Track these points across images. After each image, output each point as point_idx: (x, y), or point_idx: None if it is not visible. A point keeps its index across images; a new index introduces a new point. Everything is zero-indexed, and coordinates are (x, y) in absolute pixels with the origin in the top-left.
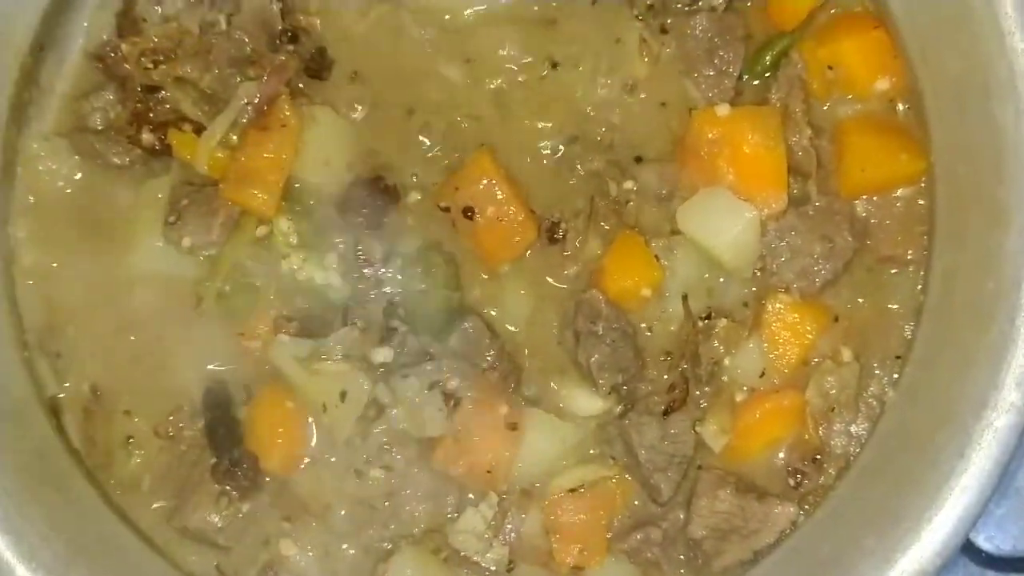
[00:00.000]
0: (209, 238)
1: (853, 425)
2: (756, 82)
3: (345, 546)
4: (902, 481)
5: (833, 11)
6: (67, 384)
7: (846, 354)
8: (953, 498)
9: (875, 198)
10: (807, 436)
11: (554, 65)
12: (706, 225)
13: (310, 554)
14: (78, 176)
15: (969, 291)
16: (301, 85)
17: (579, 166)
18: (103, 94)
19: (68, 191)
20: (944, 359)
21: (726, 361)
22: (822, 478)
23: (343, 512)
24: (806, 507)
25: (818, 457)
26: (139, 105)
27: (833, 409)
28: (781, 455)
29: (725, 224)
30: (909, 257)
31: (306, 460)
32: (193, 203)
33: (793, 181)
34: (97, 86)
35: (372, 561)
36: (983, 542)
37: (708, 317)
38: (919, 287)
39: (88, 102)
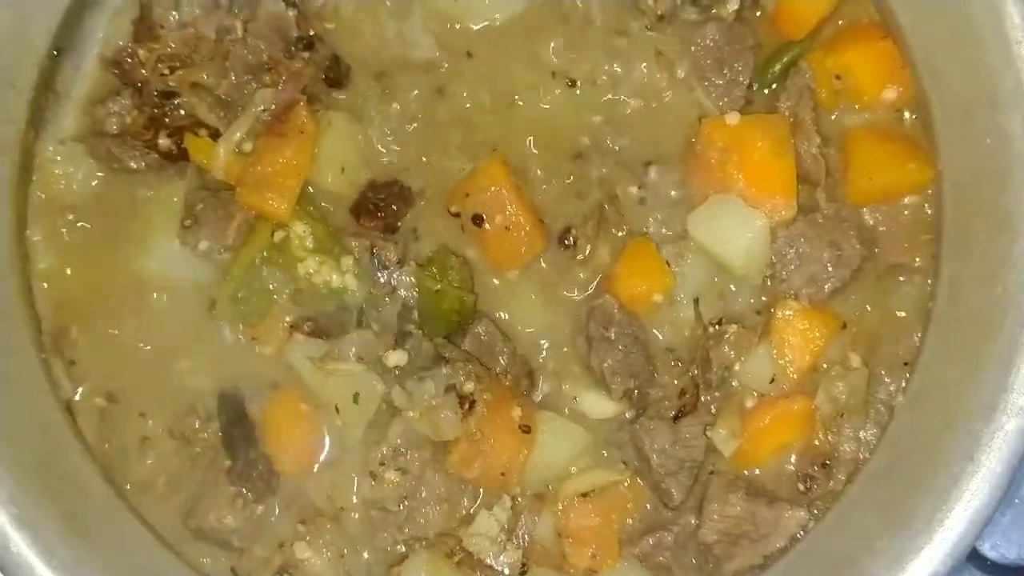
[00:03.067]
0: (225, 242)
1: (862, 430)
2: (766, 91)
3: (359, 548)
4: (912, 485)
5: (841, 22)
6: (81, 389)
7: (855, 360)
8: (964, 501)
9: (882, 206)
10: (817, 441)
11: (572, 83)
12: (717, 232)
13: (325, 557)
14: (93, 181)
15: (977, 297)
16: (317, 92)
17: (588, 175)
18: (119, 99)
19: (83, 196)
20: (953, 364)
21: (736, 367)
22: (831, 483)
23: (357, 515)
24: (815, 511)
25: (827, 462)
26: (155, 110)
27: (842, 415)
28: (791, 460)
29: (736, 231)
30: (917, 264)
31: (320, 462)
32: (209, 207)
33: (802, 189)
34: (113, 91)
35: (386, 564)
36: (988, 550)
37: (719, 323)
38: (927, 294)
39: (104, 107)
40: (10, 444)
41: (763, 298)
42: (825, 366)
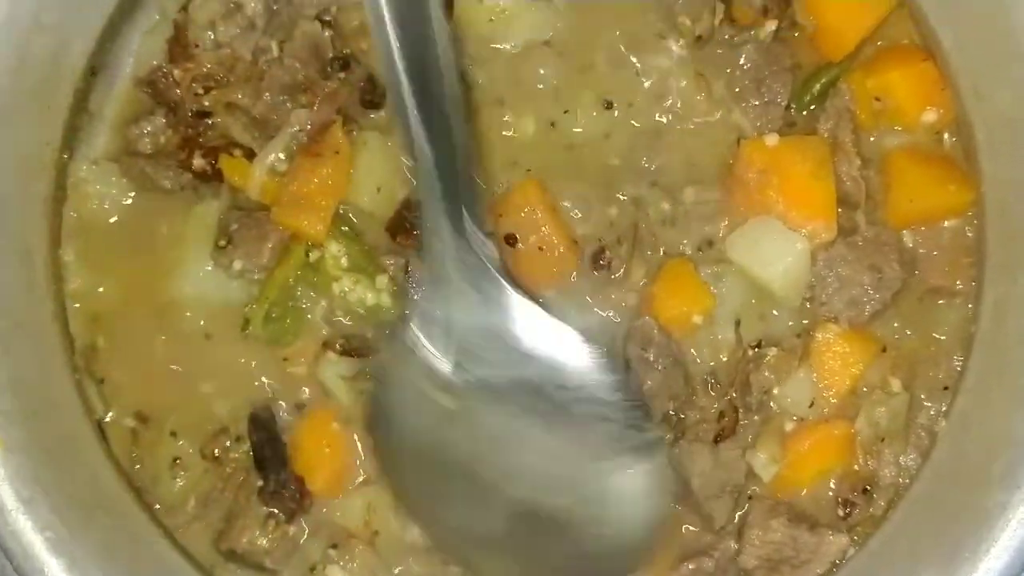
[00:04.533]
0: (260, 262)
1: (903, 456)
2: (804, 113)
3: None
4: (957, 512)
5: (880, 43)
6: (112, 412)
7: (896, 384)
8: (1010, 529)
9: (923, 228)
10: (856, 467)
11: (608, 105)
12: (757, 255)
13: None
14: (127, 201)
15: (1022, 322)
16: (353, 112)
17: (622, 196)
18: (153, 119)
19: (116, 215)
20: (998, 389)
21: (776, 390)
22: (872, 508)
23: (392, 539)
24: (855, 537)
25: (868, 488)
26: (190, 130)
27: (883, 439)
28: (831, 485)
29: (776, 254)
30: (958, 288)
31: (354, 484)
32: (243, 227)
33: (841, 211)
34: (147, 111)
35: None
36: None
37: (758, 345)
38: (968, 317)
39: (138, 127)
40: (47, 469)
41: (803, 321)
42: (865, 390)
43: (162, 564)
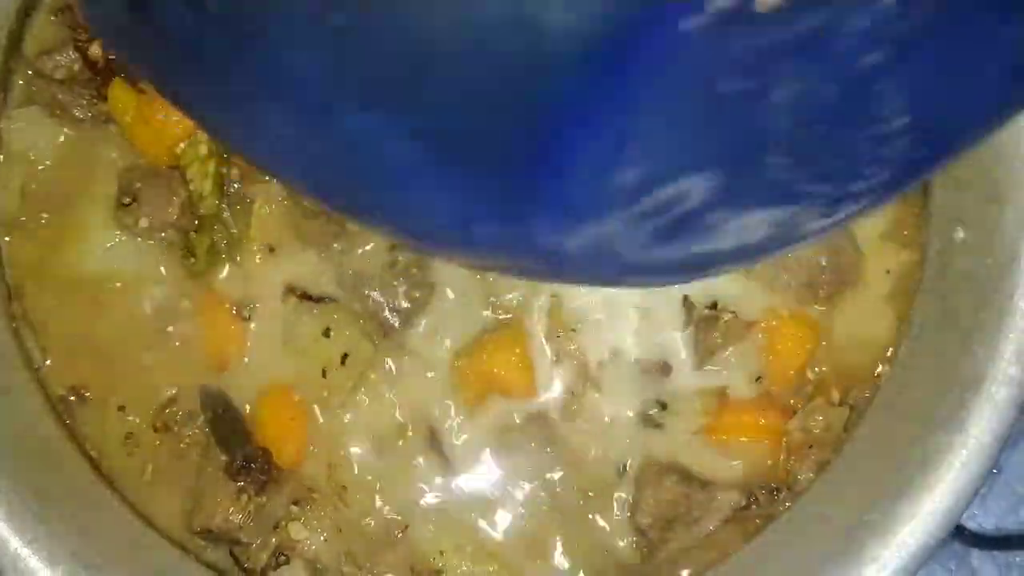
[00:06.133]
0: (168, 219)
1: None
2: None
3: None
4: (901, 453)
5: None
6: (49, 360)
7: (835, 395)
8: (954, 471)
9: None
10: (776, 466)
11: None
12: None
13: (320, 537)
14: (57, 144)
15: (966, 268)
16: None
17: None
18: (67, 51)
19: (45, 162)
20: (942, 335)
21: (724, 354)
22: (770, 509)
23: (360, 495)
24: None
25: (776, 488)
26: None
27: (811, 447)
28: (741, 470)
29: None
30: (904, 236)
31: (313, 449)
32: (148, 185)
33: None
34: (62, 43)
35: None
36: (967, 521)
37: (713, 307)
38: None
39: (51, 59)
40: None
41: (760, 295)
42: (810, 377)
43: (107, 513)
